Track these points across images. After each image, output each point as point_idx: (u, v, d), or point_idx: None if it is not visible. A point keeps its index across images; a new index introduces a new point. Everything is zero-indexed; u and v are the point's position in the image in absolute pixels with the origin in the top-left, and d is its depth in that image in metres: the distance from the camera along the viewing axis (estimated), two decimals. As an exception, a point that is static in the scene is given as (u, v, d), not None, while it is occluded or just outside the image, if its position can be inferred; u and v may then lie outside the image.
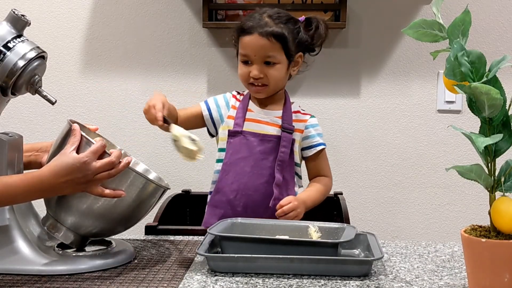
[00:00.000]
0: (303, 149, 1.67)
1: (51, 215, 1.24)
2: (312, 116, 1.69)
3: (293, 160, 1.63)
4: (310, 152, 1.67)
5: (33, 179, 1.15)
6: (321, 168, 1.70)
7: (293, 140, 1.62)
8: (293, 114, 1.66)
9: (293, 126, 1.63)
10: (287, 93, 1.70)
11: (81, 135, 1.19)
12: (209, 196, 1.69)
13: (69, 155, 1.16)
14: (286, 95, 1.69)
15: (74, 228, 1.23)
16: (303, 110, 1.70)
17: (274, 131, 1.62)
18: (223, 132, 1.65)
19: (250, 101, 1.67)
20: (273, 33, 1.57)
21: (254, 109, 1.66)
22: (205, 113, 1.67)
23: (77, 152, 1.17)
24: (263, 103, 1.66)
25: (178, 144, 1.34)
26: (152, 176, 1.35)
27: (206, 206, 1.69)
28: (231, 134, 1.63)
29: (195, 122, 1.68)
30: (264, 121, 1.64)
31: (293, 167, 1.63)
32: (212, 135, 1.71)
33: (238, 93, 1.72)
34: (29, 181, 1.15)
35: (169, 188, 1.30)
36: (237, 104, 1.67)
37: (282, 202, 1.54)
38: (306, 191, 1.65)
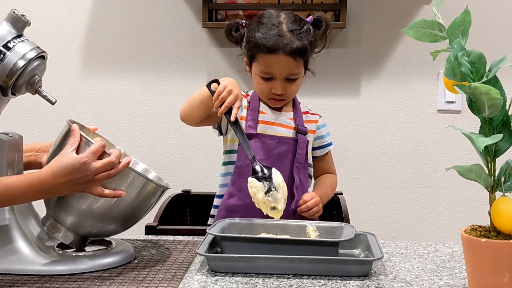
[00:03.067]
0: (314, 149, 1.67)
1: (51, 215, 1.24)
2: (320, 116, 1.70)
3: (307, 161, 1.63)
4: (321, 152, 1.68)
5: (32, 180, 1.15)
6: (329, 166, 1.72)
7: (307, 142, 1.63)
8: (303, 115, 1.66)
9: (306, 128, 1.63)
10: None
11: (81, 135, 1.19)
12: (216, 199, 1.65)
13: (68, 155, 1.15)
14: (294, 96, 1.68)
15: (73, 228, 1.23)
16: (310, 110, 1.70)
17: (289, 133, 1.61)
18: (234, 134, 1.58)
19: (261, 103, 1.64)
20: (298, 51, 1.53)
21: (266, 111, 1.63)
22: None
23: (77, 153, 1.17)
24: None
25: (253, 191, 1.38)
26: (151, 175, 1.35)
27: (216, 210, 1.64)
28: None
29: (215, 117, 1.60)
30: (278, 123, 1.62)
31: (307, 168, 1.63)
32: (221, 133, 1.64)
33: (243, 92, 1.67)
34: (28, 181, 1.15)
35: (169, 188, 1.30)
36: (247, 104, 1.64)
37: (305, 197, 1.54)
38: (320, 188, 1.65)
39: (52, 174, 1.15)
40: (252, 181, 1.39)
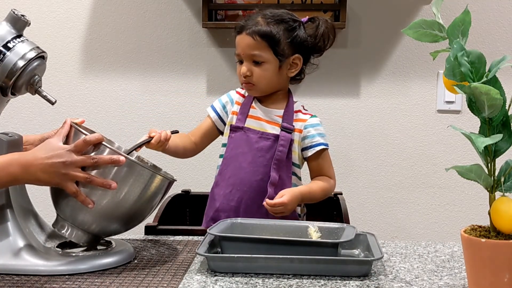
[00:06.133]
0: (303, 150, 1.65)
1: (61, 216, 1.24)
2: (313, 116, 1.66)
3: (291, 160, 1.62)
4: (310, 152, 1.64)
5: (13, 156, 1.18)
6: (323, 169, 1.65)
7: (292, 140, 1.62)
8: (294, 114, 1.65)
9: (293, 126, 1.63)
10: (291, 93, 1.69)
11: (71, 126, 1.21)
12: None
13: (52, 141, 1.18)
14: (290, 95, 1.69)
15: (82, 226, 1.22)
16: (306, 110, 1.68)
17: (273, 130, 1.62)
18: (227, 128, 1.67)
19: (254, 99, 1.68)
20: (259, 31, 1.58)
21: (256, 107, 1.66)
22: (212, 114, 1.69)
23: (67, 143, 1.19)
24: (266, 102, 1.67)
25: None
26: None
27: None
28: (233, 129, 1.64)
29: (212, 134, 1.71)
30: (264, 119, 1.64)
31: (291, 167, 1.63)
32: (222, 133, 1.72)
33: (243, 88, 1.71)
34: (10, 157, 1.17)
35: (176, 180, 1.30)
36: (241, 100, 1.69)
37: (278, 194, 1.52)
38: (308, 185, 1.62)
39: (33, 153, 1.17)
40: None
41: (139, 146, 1.44)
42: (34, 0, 2.36)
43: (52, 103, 1.28)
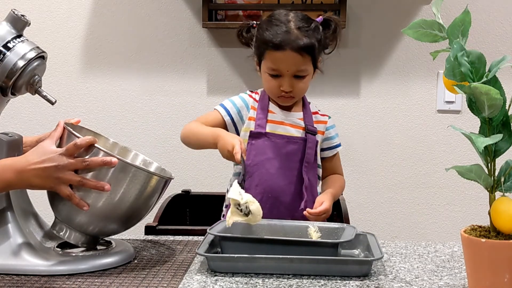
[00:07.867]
0: (322, 150, 1.67)
1: (59, 219, 1.24)
2: (329, 117, 1.69)
3: (317, 162, 1.63)
4: (330, 153, 1.68)
5: (6, 161, 1.17)
6: (336, 167, 1.72)
7: (317, 142, 1.63)
8: (313, 116, 1.66)
9: (316, 128, 1.63)
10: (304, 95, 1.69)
11: (65, 129, 1.20)
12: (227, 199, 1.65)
13: (44, 145, 1.17)
14: (304, 97, 1.68)
15: (80, 228, 1.22)
16: (320, 110, 1.69)
17: (297, 133, 1.61)
18: (245, 134, 1.60)
19: (270, 102, 1.64)
20: (305, 47, 1.54)
21: (275, 111, 1.63)
22: (226, 118, 1.62)
23: (60, 146, 1.18)
24: (285, 106, 1.65)
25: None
26: (153, 166, 1.36)
27: (225, 209, 1.66)
28: (253, 135, 1.59)
29: None
30: (287, 123, 1.62)
31: (316, 169, 1.64)
32: None
33: (252, 91, 1.68)
34: (2, 162, 1.17)
35: (173, 178, 1.29)
36: (256, 104, 1.64)
37: (316, 202, 1.52)
38: (333, 186, 1.63)
39: (25, 158, 1.16)
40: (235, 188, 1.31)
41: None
42: (34, 0, 2.36)
43: (52, 103, 1.28)
